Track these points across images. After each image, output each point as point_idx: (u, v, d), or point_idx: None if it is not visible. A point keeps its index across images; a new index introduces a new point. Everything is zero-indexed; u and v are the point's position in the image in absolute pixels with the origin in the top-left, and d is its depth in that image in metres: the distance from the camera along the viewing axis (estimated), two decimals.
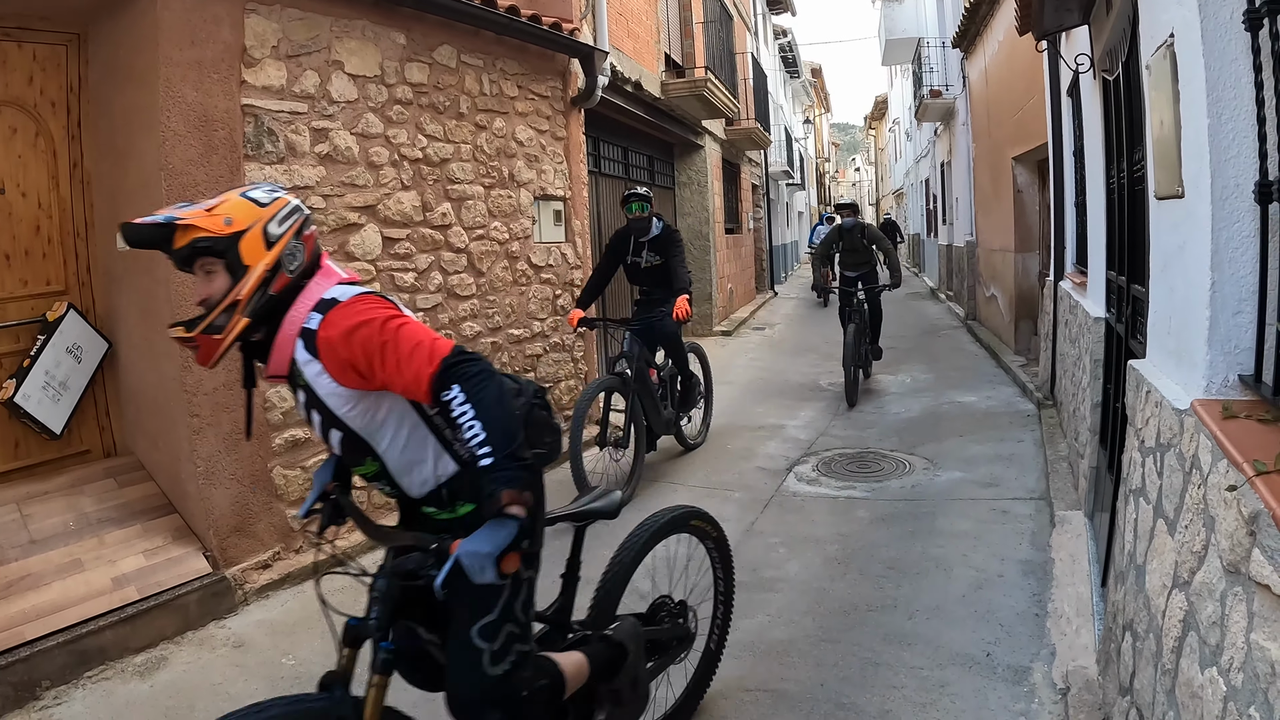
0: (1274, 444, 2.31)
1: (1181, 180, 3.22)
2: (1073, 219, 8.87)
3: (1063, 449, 8.30)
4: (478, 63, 8.25)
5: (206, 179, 5.64)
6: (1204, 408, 2.76)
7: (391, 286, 7.12)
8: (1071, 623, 5.00)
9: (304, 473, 6.32)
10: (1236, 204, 2.79)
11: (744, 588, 5.88)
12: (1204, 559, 2.47)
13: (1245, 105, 2.74)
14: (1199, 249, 2.97)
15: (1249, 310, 2.79)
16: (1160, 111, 3.54)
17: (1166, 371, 3.54)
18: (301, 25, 6.36)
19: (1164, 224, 3.68)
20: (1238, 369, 2.85)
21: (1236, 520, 2.19)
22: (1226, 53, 2.78)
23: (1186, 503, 2.76)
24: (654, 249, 8.58)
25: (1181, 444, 2.92)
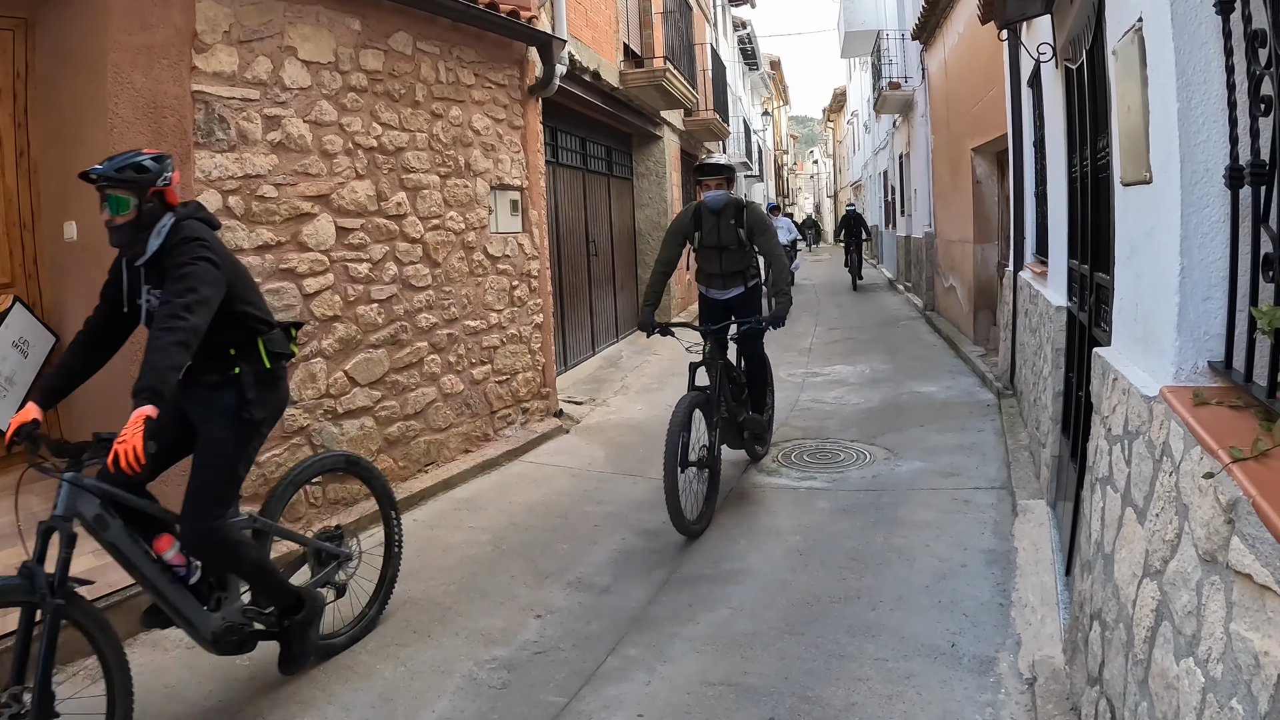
0: (1248, 430, 2.28)
1: (1149, 166, 3.19)
2: (1033, 209, 8.89)
3: (1023, 438, 8.31)
4: (434, 50, 8.16)
5: None
6: (1174, 395, 2.73)
7: (346, 277, 7.04)
8: (1036, 612, 4.98)
9: (257, 468, 6.23)
10: (1206, 188, 2.76)
11: (706, 581, 5.89)
12: (1177, 548, 2.44)
13: (1215, 89, 2.72)
14: (1167, 234, 2.94)
15: (1219, 296, 2.76)
16: (1127, 97, 3.51)
17: (1133, 359, 3.51)
18: (254, 10, 6.25)
19: (1130, 210, 3.66)
20: (1207, 355, 2.83)
21: (1213, 508, 2.16)
22: (1196, 36, 2.76)
23: (1157, 491, 2.73)
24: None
25: (1151, 431, 2.89)
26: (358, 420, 7.16)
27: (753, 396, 8.19)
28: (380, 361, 7.40)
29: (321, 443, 6.76)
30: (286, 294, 6.45)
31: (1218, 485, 2.14)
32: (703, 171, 7.64)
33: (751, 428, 8.02)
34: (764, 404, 8.45)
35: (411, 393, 7.77)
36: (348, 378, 7.05)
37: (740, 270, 7.91)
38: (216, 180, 5.93)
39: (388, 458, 7.49)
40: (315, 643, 4.85)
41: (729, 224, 7.69)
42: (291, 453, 6.50)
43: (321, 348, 6.78)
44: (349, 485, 6.79)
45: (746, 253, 7.85)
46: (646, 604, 5.62)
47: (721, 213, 7.69)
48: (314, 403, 6.71)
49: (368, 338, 7.27)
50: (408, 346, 7.74)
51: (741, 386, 7.96)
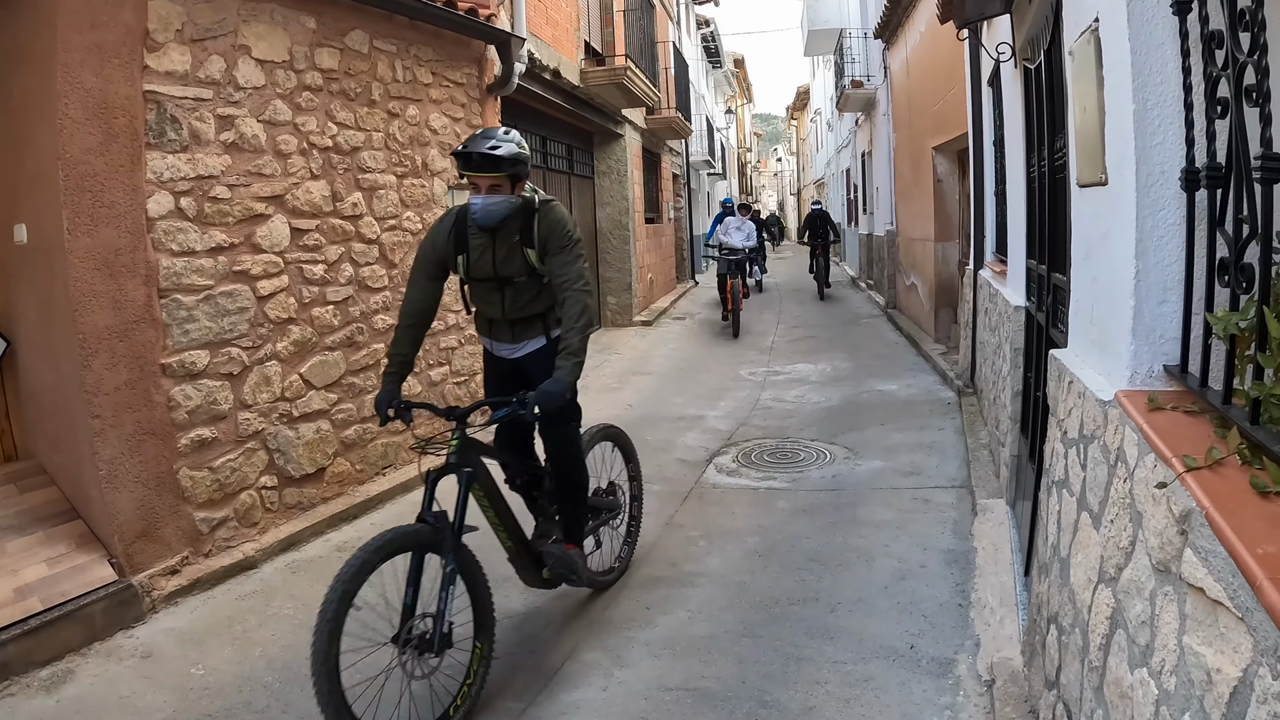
0: (1203, 437, 2.25)
1: (1105, 167, 3.16)
2: (992, 208, 8.88)
3: (983, 436, 8.32)
4: (391, 48, 8.07)
5: (106, 168, 5.43)
6: (1129, 399, 2.70)
7: (301, 279, 6.94)
8: (995, 613, 4.97)
9: (211, 473, 6.14)
10: (1162, 191, 2.73)
11: (664, 583, 5.86)
12: (1131, 555, 2.41)
13: (1172, 91, 2.69)
14: (1123, 237, 2.91)
15: (1174, 299, 2.73)
16: (1083, 98, 3.49)
17: (1089, 362, 3.48)
18: (207, 8, 6.13)
19: (1086, 212, 3.63)
20: (1163, 359, 2.80)
21: (1166, 518, 2.12)
22: (1153, 37, 2.72)
23: (1112, 497, 2.70)
24: None
25: (1105, 436, 2.86)
26: (314, 424, 7.06)
27: (562, 512, 5.35)
28: (336, 364, 7.32)
29: (277, 447, 6.67)
30: (240, 297, 6.35)
31: (1171, 495, 2.11)
32: (467, 165, 4.72)
33: (555, 565, 5.20)
34: (577, 526, 5.36)
35: (368, 395, 7.66)
36: (303, 381, 6.95)
37: (539, 314, 5.17)
38: (168, 181, 5.81)
39: (345, 461, 7.41)
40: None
41: (512, 243, 4.92)
42: (247, 457, 6.40)
43: (276, 350, 6.68)
44: None
45: (546, 286, 5.04)
46: (604, 608, 5.58)
47: (500, 229, 4.87)
48: (269, 406, 6.61)
49: (323, 340, 7.18)
50: (364, 348, 7.65)
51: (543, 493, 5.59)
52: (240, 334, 6.36)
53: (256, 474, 6.51)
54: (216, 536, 6.16)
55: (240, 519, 6.35)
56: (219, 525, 6.19)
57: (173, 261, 5.83)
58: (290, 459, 6.81)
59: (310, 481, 7.03)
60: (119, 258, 5.51)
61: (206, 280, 6.08)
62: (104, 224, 5.42)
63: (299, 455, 6.90)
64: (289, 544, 6.60)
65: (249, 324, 6.43)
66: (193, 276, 5.98)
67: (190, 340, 5.97)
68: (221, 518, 6.21)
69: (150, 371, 5.72)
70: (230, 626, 5.43)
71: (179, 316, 5.89)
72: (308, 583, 5.97)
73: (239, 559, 6.19)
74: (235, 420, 6.33)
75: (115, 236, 5.48)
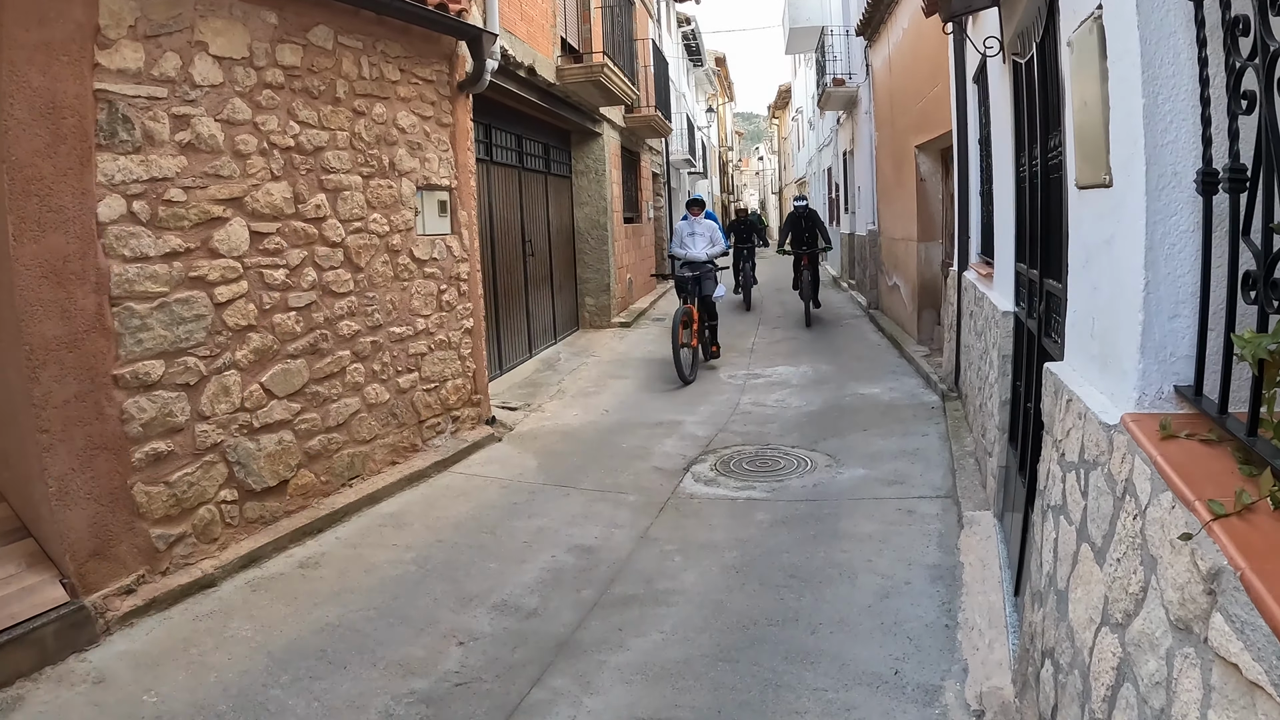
0: (1226, 473, 2.00)
1: (1109, 168, 2.91)
2: (978, 208, 8.69)
3: (969, 443, 8.14)
4: (357, 44, 7.80)
5: (53, 171, 5.17)
6: (1137, 424, 2.46)
7: (261, 284, 6.67)
8: (984, 635, 4.76)
9: (168, 488, 5.89)
10: (1175, 194, 2.48)
11: (637, 602, 5.66)
12: (1143, 603, 2.16)
13: (1186, 83, 2.44)
14: (1130, 245, 2.66)
15: (1188, 314, 2.49)
16: (1084, 92, 3.23)
17: (1090, 379, 3.23)
18: (162, 3, 5.86)
19: (1086, 216, 3.37)
20: (1174, 379, 2.56)
21: (1189, 573, 1.87)
22: (1165, 24, 2.47)
23: (1118, 533, 2.45)
24: None
25: (1111, 464, 2.62)
26: (275, 434, 6.80)
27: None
28: (299, 372, 7.05)
29: (237, 459, 6.41)
30: (196, 304, 6.08)
31: (1196, 548, 1.85)
32: None
33: None
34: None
35: (333, 404, 7.43)
36: (264, 390, 6.69)
37: None
38: (120, 184, 5.54)
39: (309, 473, 7.14)
40: None
41: None
42: (205, 471, 6.15)
43: (235, 359, 6.42)
44: None
45: None
46: (575, 629, 5.35)
47: None
48: (228, 417, 6.35)
49: (285, 347, 6.91)
50: (329, 356, 7.39)
51: None
52: (197, 342, 6.10)
53: (215, 488, 6.26)
54: (174, 553, 5.92)
55: (199, 535, 6.10)
56: (176, 542, 5.94)
57: (125, 268, 5.58)
58: (251, 471, 6.56)
59: (272, 494, 6.78)
60: (67, 265, 5.25)
61: (161, 287, 5.83)
62: (52, 229, 5.16)
63: (260, 467, 6.64)
64: (250, 560, 6.35)
65: (206, 332, 6.18)
66: (146, 283, 5.72)
67: (144, 350, 5.71)
68: (179, 534, 5.96)
69: (102, 383, 5.47)
70: (186, 650, 5.18)
71: (132, 325, 5.63)
72: (267, 602, 5.76)
73: (197, 577, 5.94)
74: (192, 432, 6.08)
75: (64, 243, 5.23)
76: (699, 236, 14.40)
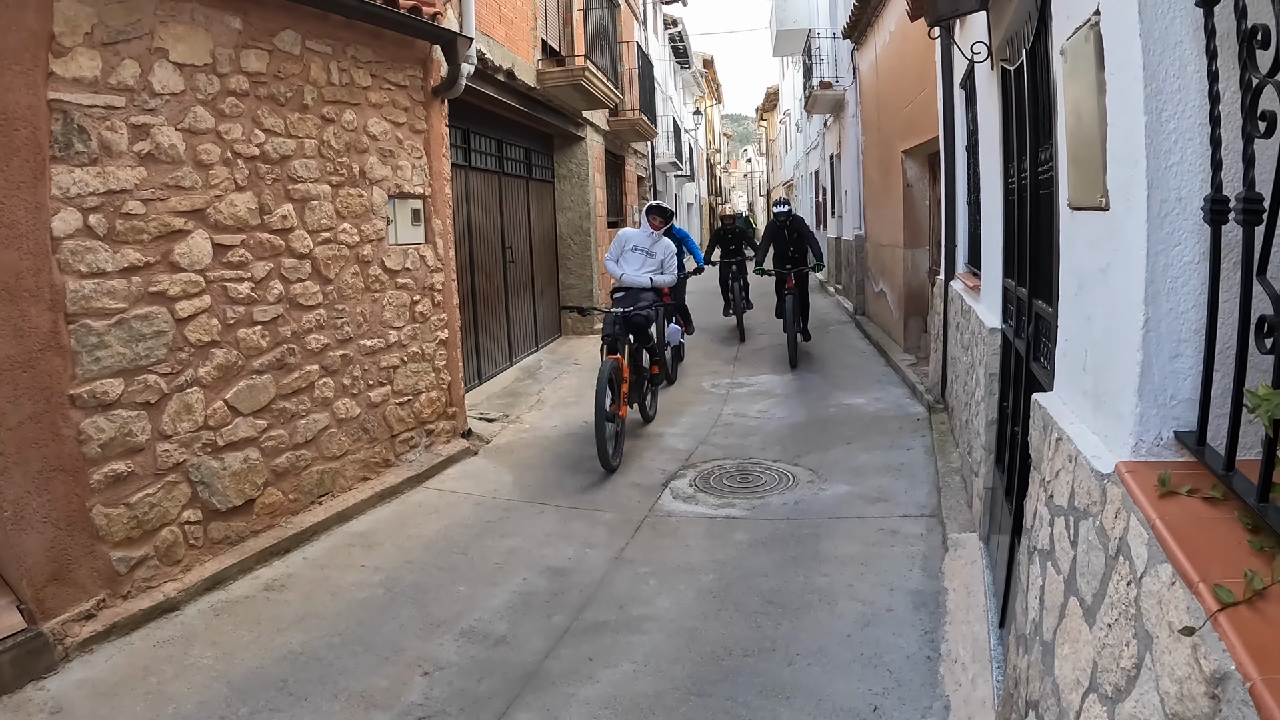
0: (1233, 543, 1.79)
1: (1106, 189, 2.67)
2: (965, 217, 8.52)
3: (954, 459, 7.96)
4: (325, 49, 7.59)
5: (5, 185, 4.97)
6: (1133, 476, 2.24)
7: (225, 298, 6.47)
8: (967, 670, 4.57)
9: (128, 510, 5.69)
10: (1179, 222, 2.26)
11: (609, 629, 5.48)
12: (1135, 681, 1.95)
13: (1193, 100, 2.22)
14: (1129, 276, 2.44)
15: (1190, 353, 2.28)
16: (1079, 105, 3.00)
17: (1081, 416, 3.01)
18: (120, 9, 5.66)
19: (1080, 240, 3.13)
20: (1174, 424, 2.35)
21: (1189, 667, 1.65)
22: (1170, 34, 2.24)
23: (1110, 596, 2.24)
24: None
25: (1104, 518, 2.40)
26: (241, 453, 6.59)
27: None
28: (265, 388, 6.85)
29: (200, 479, 6.21)
30: (157, 320, 5.88)
31: (1200, 643, 1.64)
32: None
33: None
34: None
35: (301, 420, 7.22)
36: (228, 407, 6.48)
37: None
38: (76, 198, 5.34)
39: (276, 491, 6.93)
40: None
41: None
42: (167, 491, 5.95)
43: (198, 376, 6.22)
44: None
45: None
46: (544, 658, 5.16)
47: None
48: (190, 436, 6.15)
49: (250, 363, 6.71)
50: (296, 370, 7.19)
51: None
52: (157, 359, 5.91)
53: (178, 508, 6.06)
54: (135, 577, 5.72)
55: (161, 557, 5.91)
56: (138, 565, 5.74)
57: (81, 284, 5.37)
58: (215, 491, 6.36)
59: (238, 514, 6.57)
60: (20, 281, 5.05)
61: (119, 303, 5.63)
62: (3, 245, 4.95)
63: (225, 487, 6.44)
64: (214, 582, 6.17)
65: (167, 349, 5.98)
66: (103, 299, 5.52)
67: (102, 368, 5.51)
68: (140, 556, 5.76)
69: (58, 403, 5.27)
70: (145, 678, 5.00)
71: (89, 343, 5.43)
72: (230, 628, 5.58)
73: (159, 600, 5.76)
74: (154, 452, 5.88)
75: (16, 258, 5.02)
76: (649, 258, 10.33)
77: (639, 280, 10.04)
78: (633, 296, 9.92)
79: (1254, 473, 1.87)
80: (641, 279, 10.04)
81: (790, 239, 15.20)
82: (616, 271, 10.25)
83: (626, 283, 10.06)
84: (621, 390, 9.23)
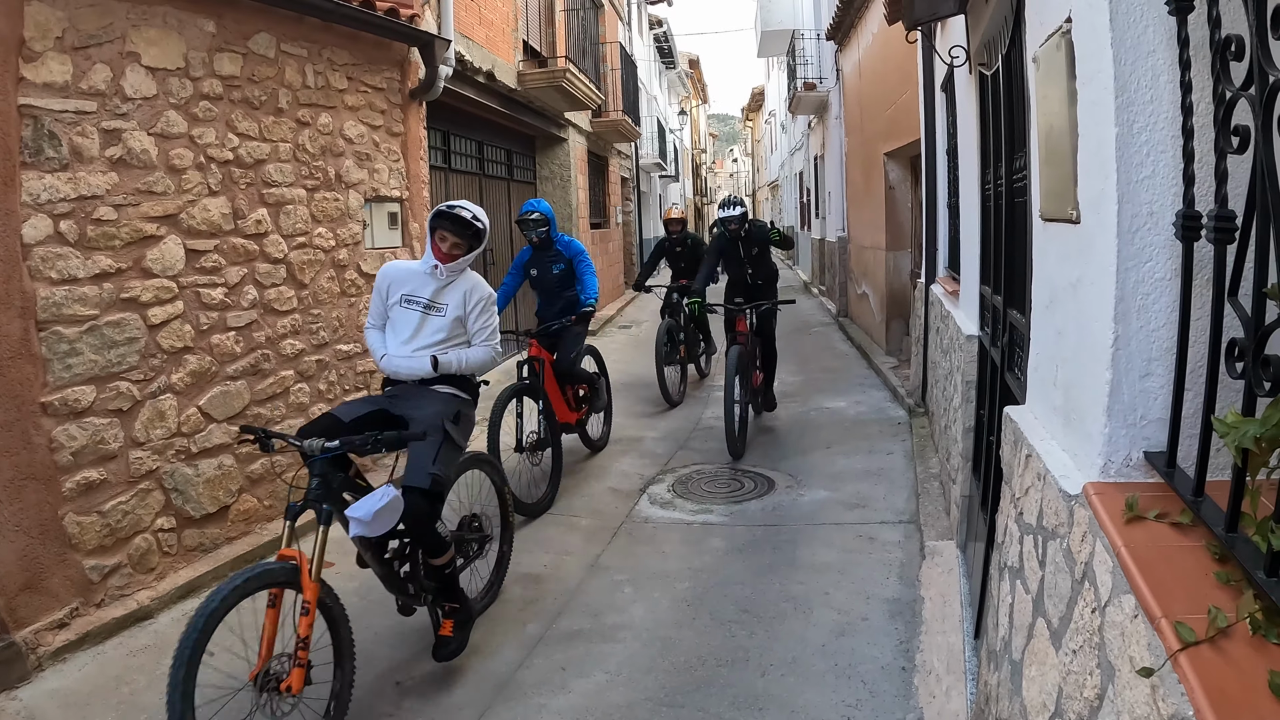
0: (1198, 573, 1.75)
1: (1077, 202, 2.62)
2: (945, 220, 8.48)
3: (934, 465, 7.93)
4: (301, 52, 7.51)
5: None
6: (1100, 498, 2.19)
7: (198, 304, 6.40)
8: (941, 681, 4.52)
9: (101, 518, 5.62)
10: (1150, 237, 2.21)
11: (583, 638, 5.43)
12: (1098, 713, 1.90)
13: (1166, 111, 2.17)
14: (1099, 292, 2.38)
15: (1161, 372, 2.23)
16: (1050, 115, 2.94)
17: (1051, 432, 2.95)
18: (92, 13, 5.59)
19: (1052, 252, 3.08)
20: (1144, 445, 2.30)
21: (1149, 707, 1.60)
22: (1143, 43, 2.19)
23: (1075, 620, 2.19)
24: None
25: (1070, 540, 2.35)
26: (215, 459, 6.53)
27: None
28: (240, 394, 6.78)
29: (174, 486, 6.15)
30: (129, 326, 5.82)
31: (1159, 684, 1.59)
32: None
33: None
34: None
35: (277, 426, 7.13)
36: (202, 414, 6.42)
37: None
38: (46, 204, 5.27)
39: (251, 497, 6.87)
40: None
41: None
42: (140, 499, 5.89)
43: (171, 383, 6.15)
44: None
45: None
46: (516, 667, 5.12)
47: None
48: (164, 443, 6.09)
49: (224, 369, 6.64)
50: (271, 376, 7.13)
51: None
52: (130, 366, 5.84)
53: (152, 516, 5.99)
54: (109, 585, 5.66)
55: (135, 565, 5.84)
56: (111, 573, 5.68)
57: (52, 291, 5.30)
58: (189, 498, 6.29)
59: (212, 521, 6.51)
60: None
61: (91, 310, 5.56)
62: None
63: (199, 494, 6.38)
64: (189, 590, 6.08)
65: (139, 355, 5.91)
66: (75, 306, 5.45)
67: (73, 375, 5.45)
68: (114, 565, 5.70)
69: (29, 411, 5.20)
70: (118, 688, 4.95)
71: (60, 350, 5.36)
72: None
73: (133, 609, 5.69)
74: (126, 459, 5.82)
75: None
76: (424, 312, 5.49)
77: (409, 368, 5.35)
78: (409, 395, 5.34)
79: (1224, 497, 1.82)
80: (414, 364, 5.35)
81: (747, 257, 10.46)
82: (377, 351, 5.51)
83: (391, 372, 5.44)
84: None
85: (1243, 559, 1.66)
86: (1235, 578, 1.70)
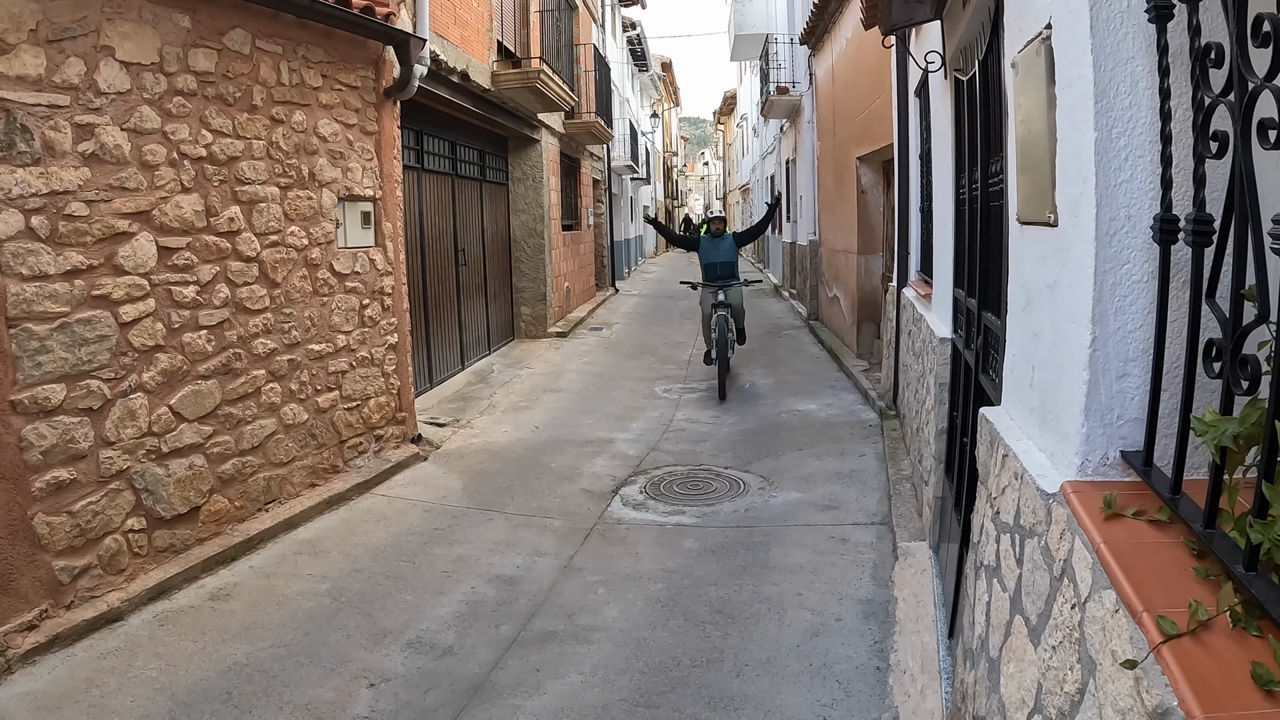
0: (1177, 569, 1.77)
1: (1054, 205, 2.65)
2: (917, 224, 8.52)
3: (905, 466, 7.97)
4: (276, 49, 7.46)
5: None
6: (1078, 496, 2.22)
7: (170, 302, 6.35)
8: (916, 681, 4.55)
9: (71, 518, 5.57)
10: (1128, 240, 2.24)
11: (557, 639, 5.42)
12: (1079, 706, 1.92)
13: (1144, 117, 2.20)
14: (1076, 294, 2.41)
15: (1138, 373, 2.26)
16: (1029, 120, 2.97)
17: (1028, 433, 2.98)
18: (66, 6, 5.54)
19: (1028, 255, 3.10)
20: (1120, 444, 2.32)
21: (1132, 699, 1.63)
22: (1122, 50, 2.22)
23: (1054, 618, 2.22)
24: None
25: (1049, 538, 2.38)
26: (186, 459, 6.48)
27: None
28: (210, 394, 6.74)
29: (144, 486, 6.10)
30: (100, 324, 5.77)
31: (1143, 676, 1.61)
32: None
33: None
34: None
35: (248, 426, 7.11)
36: (173, 413, 6.37)
37: None
38: (17, 199, 5.22)
39: (222, 498, 6.82)
40: None
41: None
42: (110, 499, 5.83)
43: (142, 381, 6.10)
44: None
45: None
46: (491, 669, 5.09)
47: None
48: (134, 443, 6.03)
49: (196, 368, 6.59)
50: (243, 376, 7.08)
51: None
52: (101, 364, 5.79)
53: (122, 516, 5.94)
54: (79, 586, 5.60)
55: (105, 566, 5.78)
56: (81, 574, 5.62)
57: (22, 287, 5.25)
58: (160, 499, 6.24)
59: (183, 522, 6.45)
60: None
61: (61, 307, 5.51)
62: None
63: (169, 494, 6.32)
64: (159, 591, 6.04)
65: (110, 353, 5.86)
66: (45, 303, 5.40)
67: (43, 373, 5.40)
68: (84, 565, 5.64)
69: None
70: (88, 691, 4.90)
71: (30, 348, 5.31)
72: (174, 638, 5.46)
73: (103, 610, 5.63)
74: (96, 459, 5.76)
75: None
76: None
77: None
78: None
79: (1201, 495, 1.85)
80: None
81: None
82: None
83: None
84: None
85: (1221, 554, 1.68)
86: (1214, 572, 1.73)
